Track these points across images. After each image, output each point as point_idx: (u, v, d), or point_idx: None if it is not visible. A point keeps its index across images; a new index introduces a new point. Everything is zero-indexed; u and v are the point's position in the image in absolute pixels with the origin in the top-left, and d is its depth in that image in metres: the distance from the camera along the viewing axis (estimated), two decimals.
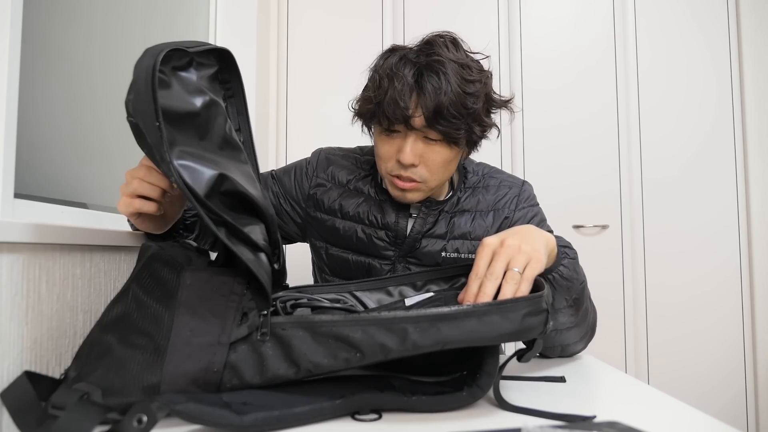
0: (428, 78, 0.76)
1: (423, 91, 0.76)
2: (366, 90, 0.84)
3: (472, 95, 0.78)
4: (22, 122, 0.73)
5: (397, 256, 0.90)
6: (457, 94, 0.76)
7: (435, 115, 0.76)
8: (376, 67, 0.84)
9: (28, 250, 0.55)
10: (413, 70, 0.78)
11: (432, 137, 0.79)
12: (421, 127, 0.78)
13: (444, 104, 0.75)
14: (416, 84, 0.77)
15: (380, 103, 0.78)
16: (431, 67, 0.77)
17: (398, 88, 0.76)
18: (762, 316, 1.92)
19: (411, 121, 0.77)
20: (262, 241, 0.56)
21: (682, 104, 1.98)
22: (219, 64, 0.63)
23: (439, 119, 0.76)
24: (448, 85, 0.75)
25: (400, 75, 0.77)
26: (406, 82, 0.77)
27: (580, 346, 0.83)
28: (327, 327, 0.51)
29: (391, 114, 0.77)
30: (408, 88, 0.77)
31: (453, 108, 0.76)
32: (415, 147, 0.79)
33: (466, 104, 0.77)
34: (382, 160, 0.84)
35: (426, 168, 0.81)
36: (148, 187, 0.61)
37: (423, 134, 0.79)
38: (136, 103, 0.52)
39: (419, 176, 0.81)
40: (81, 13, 0.99)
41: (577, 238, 1.95)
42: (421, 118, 0.77)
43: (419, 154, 0.80)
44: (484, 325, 0.50)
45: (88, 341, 0.54)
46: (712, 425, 0.50)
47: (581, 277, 0.76)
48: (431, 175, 0.82)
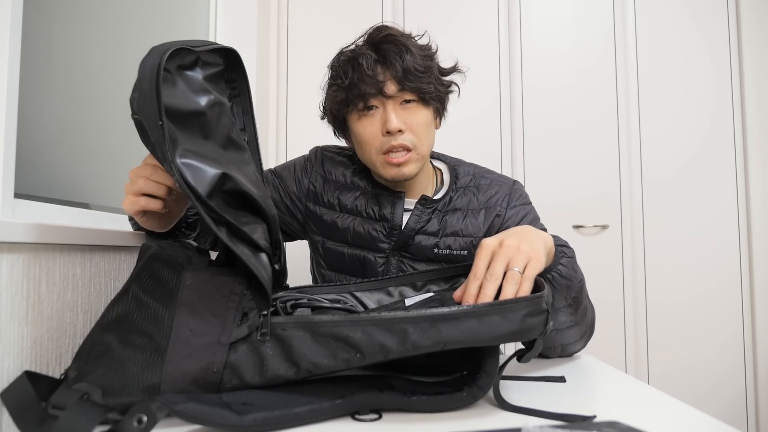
0: (387, 48, 0.83)
1: (387, 59, 0.83)
2: (330, 88, 0.90)
3: (427, 56, 0.86)
4: (22, 122, 0.73)
5: (392, 250, 0.91)
6: (416, 55, 0.84)
7: (405, 74, 0.82)
8: (333, 65, 0.90)
9: (28, 250, 0.55)
10: (371, 48, 0.85)
11: (407, 98, 0.85)
12: (395, 92, 0.84)
13: (410, 64, 0.82)
14: (379, 56, 0.84)
15: (350, 85, 0.84)
16: (387, 40, 0.84)
17: (364, 64, 0.83)
18: (762, 316, 1.92)
19: (385, 89, 0.83)
20: (263, 241, 0.56)
21: (682, 104, 1.98)
22: (225, 64, 0.63)
23: (409, 77, 0.83)
24: (406, 50, 0.83)
25: (360, 54, 0.84)
26: (370, 57, 0.83)
27: (579, 345, 0.83)
28: (327, 327, 0.51)
29: (365, 89, 0.83)
30: (373, 60, 0.83)
31: (418, 65, 0.83)
32: (398, 113, 0.84)
33: (427, 63, 0.85)
34: (367, 144, 0.87)
35: (412, 132, 0.85)
36: (153, 186, 0.62)
37: (399, 99, 0.85)
38: (141, 101, 0.52)
39: (410, 142, 0.85)
40: (81, 13, 0.99)
41: (577, 238, 1.95)
42: (392, 82, 0.83)
43: (403, 120, 0.84)
44: (484, 326, 0.50)
45: (88, 341, 0.54)
46: (712, 425, 0.50)
47: (580, 276, 0.76)
48: (419, 139, 0.86)
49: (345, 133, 0.94)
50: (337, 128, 0.94)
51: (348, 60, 0.85)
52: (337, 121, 0.92)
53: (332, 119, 0.92)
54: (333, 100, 0.88)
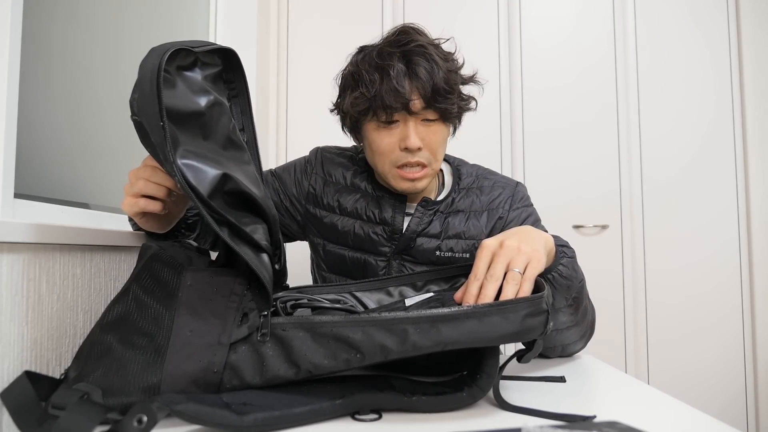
0: (418, 62, 0.80)
1: (417, 75, 0.80)
2: (351, 89, 0.85)
3: (452, 71, 0.83)
4: (22, 122, 0.73)
5: (393, 253, 0.91)
6: (446, 72, 0.81)
7: (433, 94, 0.80)
8: (355, 66, 0.86)
9: (28, 250, 0.55)
10: (401, 58, 0.81)
11: (430, 118, 0.83)
12: (420, 109, 0.81)
13: (438, 84, 0.80)
14: (409, 70, 0.81)
15: (376, 96, 0.81)
16: (417, 53, 0.81)
17: (393, 76, 0.79)
18: (762, 316, 1.92)
19: (410, 106, 0.80)
20: (264, 242, 0.56)
21: (682, 104, 1.98)
22: (223, 64, 0.63)
23: (438, 98, 0.80)
24: (437, 66, 0.80)
25: (390, 65, 0.80)
26: (400, 70, 0.80)
27: (579, 345, 0.83)
28: (327, 328, 0.51)
29: (391, 102, 0.80)
30: (402, 74, 0.80)
31: (446, 85, 0.81)
32: (418, 131, 0.83)
33: (454, 81, 0.83)
34: (383, 155, 0.85)
35: (428, 150, 0.84)
36: (153, 187, 0.62)
37: (421, 117, 0.83)
38: (141, 103, 0.52)
39: (426, 159, 0.84)
40: (81, 13, 0.99)
41: (577, 238, 1.95)
42: (419, 101, 0.81)
43: (422, 137, 0.83)
44: (485, 326, 0.50)
45: (88, 341, 0.54)
46: (712, 425, 0.50)
47: (580, 276, 0.76)
48: (434, 155, 0.85)
49: (356, 134, 0.91)
50: (349, 128, 0.91)
51: (376, 67, 0.81)
52: (352, 123, 0.89)
53: (347, 121, 0.89)
54: (353, 104, 0.84)
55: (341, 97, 0.89)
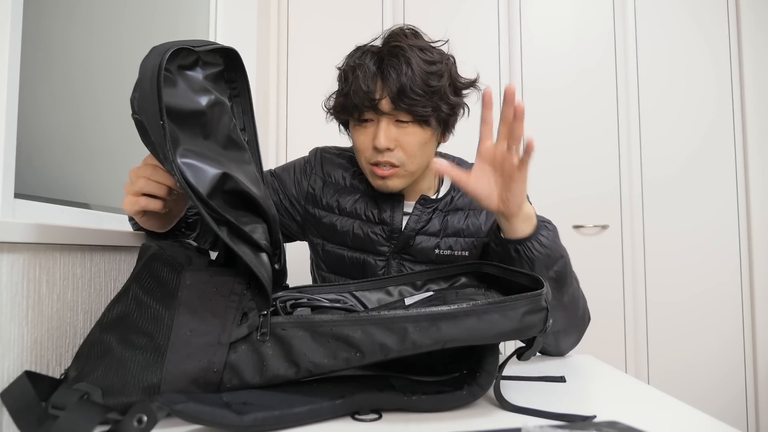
0: (389, 62, 0.81)
1: (385, 75, 0.80)
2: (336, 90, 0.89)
3: (434, 74, 0.82)
4: (22, 122, 0.73)
5: (392, 252, 0.91)
6: (419, 73, 0.80)
7: (399, 95, 0.79)
8: (342, 65, 0.88)
9: (28, 250, 0.55)
10: (375, 59, 0.83)
11: (402, 119, 0.83)
12: (389, 110, 0.82)
13: (406, 84, 0.79)
14: (378, 70, 0.82)
15: (347, 94, 0.83)
16: (392, 53, 0.81)
17: (361, 76, 0.81)
18: (762, 316, 1.92)
19: (378, 105, 0.81)
20: (263, 241, 0.56)
21: (682, 104, 1.98)
22: (225, 64, 0.63)
23: (404, 98, 0.80)
24: (408, 67, 0.80)
25: (363, 65, 0.82)
26: (369, 70, 0.81)
27: (572, 338, 0.82)
28: (327, 327, 0.51)
29: (359, 102, 0.81)
30: (371, 74, 0.81)
31: (416, 86, 0.79)
32: (389, 131, 0.83)
33: (428, 82, 0.81)
34: (360, 153, 0.88)
35: (403, 151, 0.84)
36: (154, 186, 0.62)
37: (394, 117, 0.83)
38: (141, 101, 0.52)
39: (397, 159, 0.84)
40: (81, 13, 0.99)
41: (577, 238, 1.95)
42: (387, 100, 0.81)
43: (394, 138, 0.83)
44: (484, 324, 0.50)
45: (88, 341, 0.54)
46: (712, 425, 0.50)
47: (561, 251, 0.77)
48: (408, 158, 0.84)
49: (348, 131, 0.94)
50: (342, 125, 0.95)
51: (351, 67, 0.84)
52: (340, 121, 0.93)
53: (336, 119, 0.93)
54: (335, 103, 0.88)
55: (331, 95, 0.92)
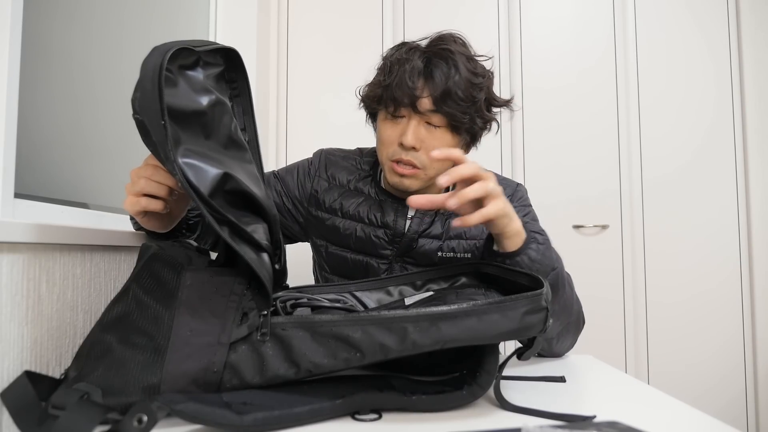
0: (437, 63, 0.80)
1: (432, 75, 0.79)
2: (374, 79, 0.88)
3: (477, 86, 0.82)
4: (22, 122, 0.73)
5: (395, 255, 0.91)
6: (465, 81, 0.80)
7: (443, 97, 0.79)
8: (386, 57, 0.87)
9: (28, 250, 0.55)
10: (423, 57, 0.82)
11: (435, 123, 0.82)
12: (427, 110, 0.81)
13: (452, 89, 0.79)
14: (425, 68, 0.81)
15: (389, 86, 0.82)
16: (440, 55, 0.81)
17: (408, 70, 0.80)
18: (762, 316, 1.92)
19: (418, 103, 0.80)
20: (264, 241, 0.56)
21: (682, 104, 1.98)
22: (225, 64, 0.63)
23: (447, 101, 0.79)
24: (456, 72, 0.79)
25: (409, 60, 0.81)
26: (416, 66, 0.80)
27: (567, 341, 0.82)
28: (327, 327, 0.51)
29: (399, 96, 0.80)
30: (417, 71, 0.80)
31: (461, 92, 0.79)
32: (418, 131, 0.82)
33: (472, 93, 0.81)
34: (383, 146, 0.87)
35: (426, 154, 0.83)
36: (155, 186, 0.62)
37: (426, 119, 0.82)
38: (143, 101, 0.52)
39: (419, 161, 0.83)
40: (81, 13, 0.99)
41: (577, 238, 1.95)
42: (428, 99, 0.80)
43: (421, 139, 0.82)
44: (484, 324, 0.50)
45: (88, 341, 0.54)
46: (712, 425, 0.50)
47: (553, 263, 0.75)
48: (431, 162, 0.84)
49: (373, 120, 0.94)
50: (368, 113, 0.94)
51: (398, 60, 0.83)
52: (369, 109, 0.92)
53: (366, 108, 0.92)
54: (370, 92, 0.87)
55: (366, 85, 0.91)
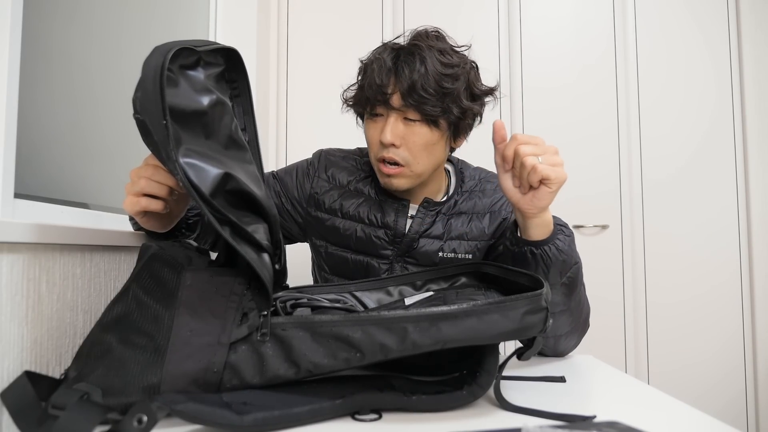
0: (405, 59, 0.81)
1: (399, 71, 0.81)
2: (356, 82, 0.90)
3: (449, 76, 0.81)
4: (22, 122, 0.73)
5: (395, 256, 0.90)
6: (433, 73, 0.80)
7: (410, 91, 0.80)
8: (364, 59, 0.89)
9: (28, 250, 0.55)
10: (392, 55, 0.83)
11: (411, 117, 0.82)
12: (399, 106, 0.82)
13: (417, 81, 0.79)
14: (394, 66, 0.82)
15: (362, 87, 0.85)
16: (409, 51, 0.82)
17: (376, 69, 0.82)
18: (762, 316, 1.92)
19: (389, 100, 0.82)
20: (265, 241, 0.56)
21: (682, 104, 1.98)
22: (226, 64, 0.63)
23: (414, 95, 0.80)
24: (422, 66, 0.80)
25: (380, 59, 0.83)
26: (384, 65, 0.82)
27: (572, 341, 0.83)
28: (327, 327, 0.51)
29: (371, 95, 0.82)
30: (386, 69, 0.82)
31: (428, 85, 0.79)
32: (396, 127, 0.83)
33: (441, 84, 0.80)
34: (369, 146, 0.88)
35: (408, 150, 0.84)
36: (155, 186, 0.62)
37: (402, 114, 0.83)
38: (144, 101, 0.52)
39: (402, 158, 0.84)
40: (81, 14, 0.99)
41: (577, 238, 1.94)
42: (398, 95, 0.81)
43: (400, 135, 0.83)
44: (484, 324, 0.50)
45: (88, 341, 0.54)
46: (712, 425, 0.50)
47: (576, 257, 0.77)
48: (413, 157, 0.84)
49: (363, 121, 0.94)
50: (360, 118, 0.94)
51: (371, 61, 0.85)
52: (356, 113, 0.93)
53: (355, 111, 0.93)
54: (351, 95, 0.90)
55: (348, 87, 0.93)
